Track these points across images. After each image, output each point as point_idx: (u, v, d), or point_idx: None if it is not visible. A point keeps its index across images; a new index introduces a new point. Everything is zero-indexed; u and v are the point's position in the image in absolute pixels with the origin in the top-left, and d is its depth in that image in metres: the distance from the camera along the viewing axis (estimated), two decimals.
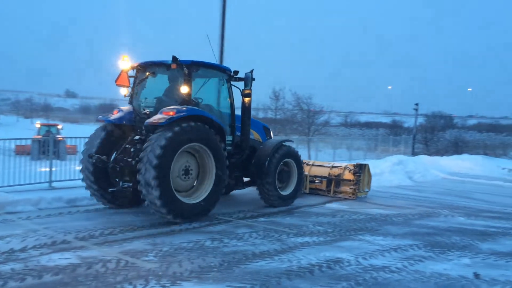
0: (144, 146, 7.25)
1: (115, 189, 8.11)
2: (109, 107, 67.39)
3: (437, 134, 34.96)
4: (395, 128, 39.49)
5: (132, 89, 8.37)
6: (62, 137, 18.18)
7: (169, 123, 7.18)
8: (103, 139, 8.19)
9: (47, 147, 11.44)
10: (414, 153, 22.82)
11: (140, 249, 5.93)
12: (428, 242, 6.99)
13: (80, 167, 8.29)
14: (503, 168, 19.53)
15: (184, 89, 7.75)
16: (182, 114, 7.35)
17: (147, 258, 5.56)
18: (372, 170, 11.58)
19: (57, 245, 5.97)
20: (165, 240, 6.38)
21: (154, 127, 7.30)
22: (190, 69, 7.83)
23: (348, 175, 11.05)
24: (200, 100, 8.26)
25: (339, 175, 11.19)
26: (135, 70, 8.39)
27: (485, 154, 26.66)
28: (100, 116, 8.43)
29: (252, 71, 8.65)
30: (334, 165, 11.68)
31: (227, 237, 6.74)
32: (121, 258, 5.52)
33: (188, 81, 7.79)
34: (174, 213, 7.25)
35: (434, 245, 6.86)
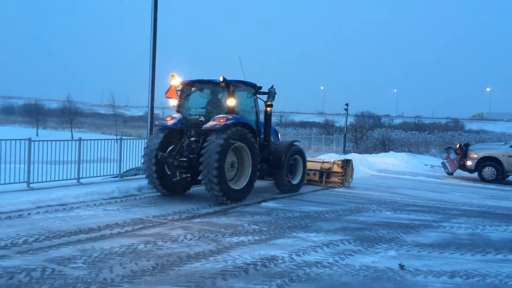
0: (204, 145, 9.26)
1: (177, 178, 9.97)
2: (33, 107, 63.86)
3: (366, 133, 36.57)
4: (327, 128, 40.81)
5: (180, 100, 10.50)
6: None
7: (223, 128, 9.23)
8: (162, 140, 9.89)
9: None
10: (345, 151, 23.69)
11: (68, 255, 5.65)
12: (357, 237, 7.30)
13: (143, 161, 10.10)
14: (426, 165, 20.85)
15: (230, 102, 9.88)
16: (231, 121, 9.45)
17: (75, 265, 5.31)
18: None
19: None
20: (95, 246, 6.13)
21: (211, 131, 9.31)
22: (234, 86, 10.04)
23: (336, 168, 13.37)
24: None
25: (329, 168, 13.47)
26: (181, 85, 10.53)
27: (410, 151, 28.28)
28: (157, 122, 10.61)
29: (273, 86, 10.84)
30: (324, 160, 14.02)
31: (161, 239, 6.61)
32: (46, 266, 5.23)
33: (233, 95, 9.92)
34: (227, 196, 9.35)
35: (363, 239, 7.17)
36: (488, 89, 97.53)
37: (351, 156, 18.38)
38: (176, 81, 10.51)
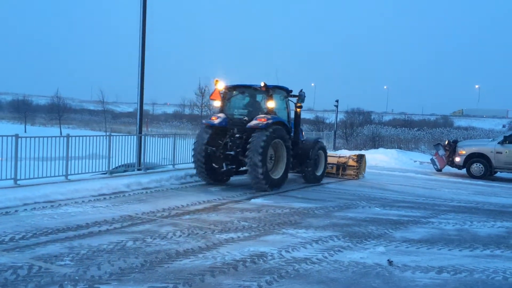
0: (249, 140, 10.72)
1: (224, 169, 11.34)
2: (21, 103, 63.08)
3: (356, 130, 36.72)
4: (317, 124, 40.89)
5: (223, 102, 11.96)
6: None
7: (265, 126, 10.71)
8: (209, 136, 11.31)
9: None
10: (335, 148, 23.76)
11: (55, 253, 5.60)
12: (346, 233, 7.32)
13: (193, 154, 11.51)
14: (415, 161, 21.00)
15: (270, 104, 11.41)
16: (271, 120, 10.93)
17: (62, 263, 5.26)
18: None
19: None
20: (83, 243, 6.08)
21: (255, 129, 10.79)
22: (273, 90, 11.58)
23: (351, 163, 14.76)
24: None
25: (345, 162, 14.86)
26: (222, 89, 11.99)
27: (399, 148, 28.44)
28: (204, 121, 11.95)
29: (302, 89, 12.40)
30: (341, 155, 15.59)
31: (150, 236, 6.57)
32: (33, 264, 5.17)
33: (272, 98, 11.44)
34: (269, 184, 10.88)
35: (352, 235, 7.20)
36: (476, 86, 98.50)
37: (341, 152, 18.46)
38: (220, 85, 12.00)
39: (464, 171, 17.12)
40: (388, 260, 5.91)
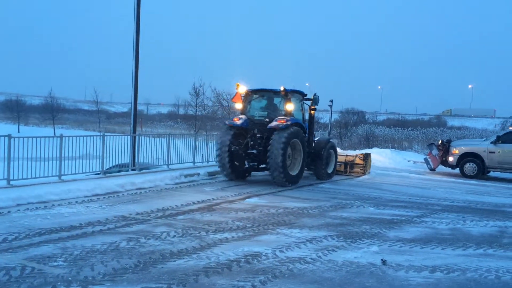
0: (270, 140, 11.65)
1: (246, 166, 12.53)
2: (15, 103, 62.63)
3: (350, 129, 36.82)
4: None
5: (244, 105, 12.91)
6: None
7: (285, 127, 11.66)
8: (232, 136, 12.20)
9: None
10: None
11: (48, 254, 5.57)
12: (341, 232, 7.34)
13: (217, 153, 12.35)
14: (409, 161, 21.06)
15: (289, 107, 12.38)
16: (290, 122, 11.88)
17: (55, 264, 5.24)
18: None
19: None
20: (76, 244, 6.05)
21: (275, 129, 11.74)
22: (291, 94, 12.67)
23: (358, 161, 15.79)
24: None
25: (352, 161, 15.87)
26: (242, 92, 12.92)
27: (393, 147, 28.54)
28: (227, 122, 12.86)
29: (316, 93, 13.38)
30: (348, 154, 16.59)
31: (144, 237, 6.55)
32: (26, 265, 5.15)
33: (290, 101, 12.49)
34: (288, 180, 11.87)
35: (346, 235, 7.22)
36: (470, 86, 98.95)
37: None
38: (242, 89, 12.92)
39: (457, 170, 17.21)
40: (381, 259, 5.93)
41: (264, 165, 12.30)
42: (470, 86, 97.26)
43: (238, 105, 13.15)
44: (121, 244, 6.11)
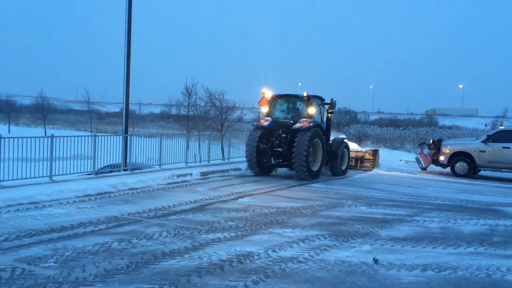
0: (295, 140, 13.16)
1: (273, 162, 14.07)
2: (5, 103, 62.04)
3: (343, 129, 36.95)
4: None
5: (270, 108, 14.53)
6: None
7: (308, 128, 13.16)
8: (259, 136, 13.68)
9: None
10: None
11: (39, 255, 5.53)
12: (333, 232, 7.36)
13: (246, 151, 14.03)
14: (400, 160, 21.15)
15: (311, 110, 14.07)
16: (312, 124, 13.44)
17: (46, 265, 5.20)
18: None
19: None
20: (68, 244, 6.01)
21: (298, 130, 13.23)
22: (313, 99, 14.31)
23: (368, 156, 17.39)
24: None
25: (362, 156, 17.41)
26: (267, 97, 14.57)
27: (385, 147, 28.67)
28: (255, 123, 14.48)
29: (333, 98, 14.83)
30: (358, 150, 17.80)
31: (136, 237, 6.53)
32: (16, 266, 5.10)
33: (312, 105, 14.15)
34: (310, 175, 13.31)
35: (338, 234, 7.24)
36: (460, 86, 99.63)
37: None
38: (268, 94, 14.51)
39: (448, 169, 17.33)
40: (373, 258, 5.96)
41: (287, 162, 13.67)
42: (460, 86, 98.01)
43: (264, 108, 14.72)
44: (113, 245, 6.08)
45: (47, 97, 59.10)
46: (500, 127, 21.50)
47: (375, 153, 17.54)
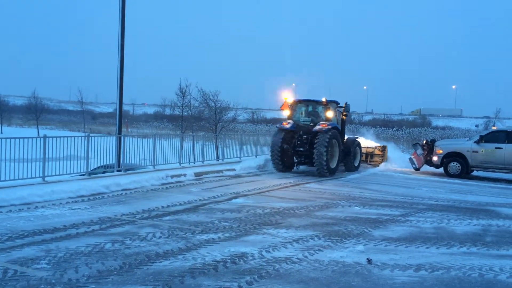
0: (316, 140, 14.71)
1: (297, 161, 15.80)
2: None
3: None
4: None
5: (291, 112, 16.04)
6: None
7: (327, 130, 14.74)
8: (282, 137, 15.23)
9: None
10: None
11: (31, 256, 5.49)
12: (327, 232, 7.37)
13: (270, 150, 15.50)
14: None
15: (329, 114, 15.69)
16: (330, 126, 15.01)
17: (39, 266, 5.16)
18: None
19: None
20: (60, 246, 5.97)
21: (318, 132, 14.81)
22: (331, 104, 15.89)
23: (377, 152, 19.11)
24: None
25: (372, 152, 19.15)
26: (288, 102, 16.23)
27: None
28: (278, 125, 15.91)
29: (347, 102, 16.55)
30: (368, 146, 19.31)
31: (129, 238, 6.50)
32: (8, 267, 5.06)
33: (330, 109, 15.77)
34: (329, 172, 14.92)
35: (332, 234, 7.25)
36: (454, 87, 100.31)
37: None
38: (290, 99, 16.23)
39: (441, 170, 17.41)
40: (367, 258, 5.97)
41: (308, 160, 15.34)
42: (453, 87, 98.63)
43: (286, 112, 16.20)
44: (106, 246, 6.05)
45: (40, 97, 58.79)
46: (493, 128, 21.63)
47: (383, 149, 19.14)
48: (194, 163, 15.60)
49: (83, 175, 11.58)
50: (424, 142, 18.40)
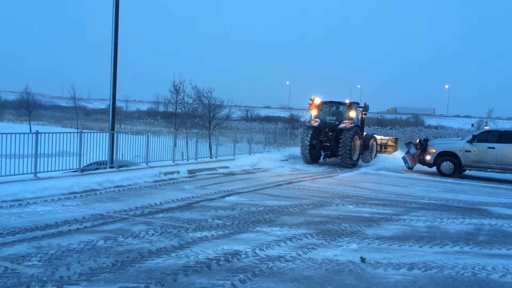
0: (341, 137, 17.36)
1: (323, 154, 18.52)
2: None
3: None
4: (292, 122, 41.09)
5: (318, 111, 18.75)
6: None
7: (350, 128, 17.32)
8: (311, 134, 17.68)
9: None
10: None
11: (22, 253, 5.43)
12: (320, 230, 7.36)
13: (301, 145, 18.04)
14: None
15: (352, 114, 18.39)
16: (353, 124, 17.63)
17: (30, 263, 5.10)
18: (268, 163, 16.73)
19: None
20: (52, 243, 5.91)
21: (343, 130, 17.39)
22: (353, 105, 18.75)
23: (390, 143, 22.49)
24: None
25: (386, 143, 22.46)
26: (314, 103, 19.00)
27: None
28: (307, 124, 18.52)
29: (366, 103, 19.35)
30: (382, 138, 22.89)
31: (122, 235, 6.45)
32: None
33: (352, 109, 18.57)
34: (352, 164, 17.52)
35: (325, 232, 7.25)
36: (446, 87, 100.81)
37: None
38: (316, 100, 18.82)
39: (434, 169, 17.48)
40: (361, 257, 5.97)
41: (333, 153, 17.97)
42: (446, 87, 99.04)
43: (313, 112, 18.83)
44: (98, 243, 6.00)
45: (32, 93, 58.29)
46: (485, 128, 21.76)
47: (396, 140, 22.76)
48: (188, 160, 15.55)
49: (76, 171, 11.49)
50: (418, 141, 18.46)
